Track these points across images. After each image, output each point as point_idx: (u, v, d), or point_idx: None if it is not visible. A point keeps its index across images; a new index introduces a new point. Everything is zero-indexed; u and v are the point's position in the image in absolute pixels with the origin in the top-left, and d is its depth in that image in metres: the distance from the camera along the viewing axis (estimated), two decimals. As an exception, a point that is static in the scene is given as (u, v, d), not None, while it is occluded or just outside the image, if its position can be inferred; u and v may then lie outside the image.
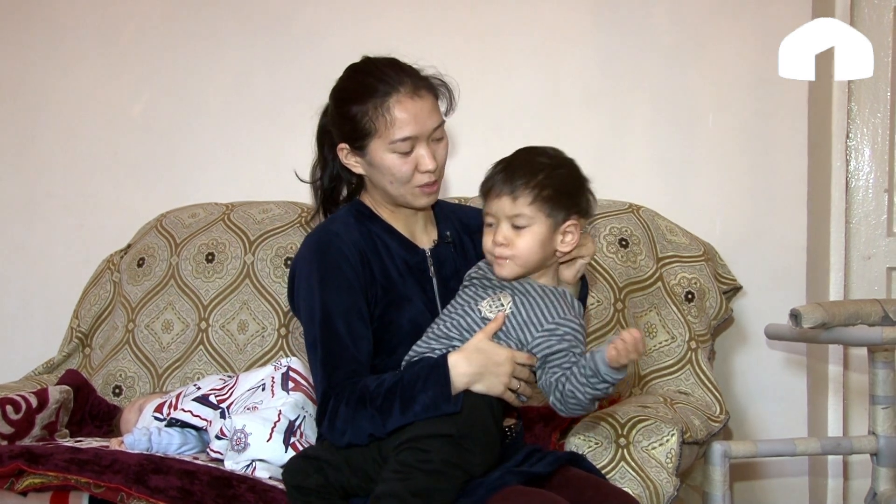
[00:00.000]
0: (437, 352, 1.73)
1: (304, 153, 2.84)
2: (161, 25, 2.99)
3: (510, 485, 1.65)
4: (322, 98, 1.96)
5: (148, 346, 2.56)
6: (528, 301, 1.72)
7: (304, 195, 2.76)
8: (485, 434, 1.69)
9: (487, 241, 1.74)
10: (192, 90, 2.97)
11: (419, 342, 1.78)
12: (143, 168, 2.99)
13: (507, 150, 2.77)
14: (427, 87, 1.86)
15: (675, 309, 2.40)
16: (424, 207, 1.91)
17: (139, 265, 2.65)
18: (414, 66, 1.88)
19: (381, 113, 1.80)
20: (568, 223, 1.72)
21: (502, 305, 1.73)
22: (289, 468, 1.73)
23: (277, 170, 2.92)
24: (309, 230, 2.02)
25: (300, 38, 2.90)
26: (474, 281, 1.80)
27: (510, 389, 1.72)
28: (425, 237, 1.95)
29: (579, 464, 1.81)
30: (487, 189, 1.74)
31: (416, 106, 1.81)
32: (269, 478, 1.89)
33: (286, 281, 2.49)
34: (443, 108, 1.90)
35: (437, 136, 1.86)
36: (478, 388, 1.69)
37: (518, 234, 1.70)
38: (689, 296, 2.43)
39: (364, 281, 1.82)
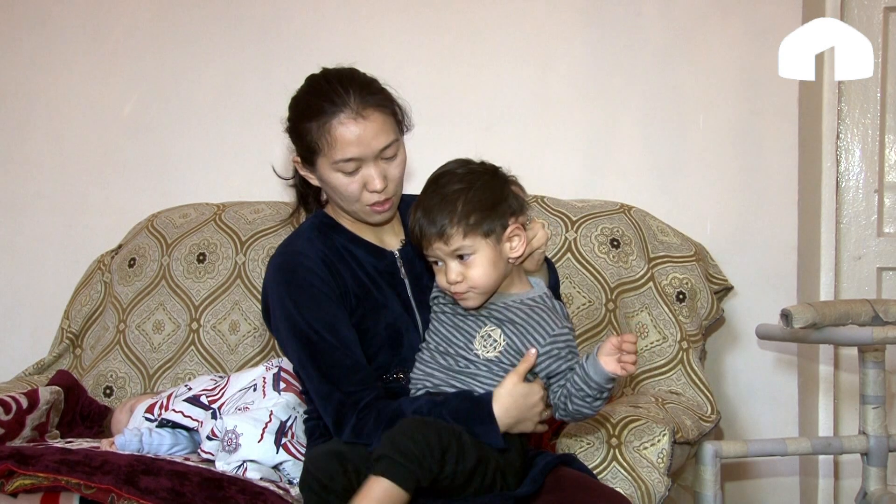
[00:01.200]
0: (439, 385, 1.75)
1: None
2: (151, 26, 2.98)
3: None
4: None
5: (139, 346, 2.55)
6: (517, 328, 1.72)
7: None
8: (519, 456, 1.74)
9: (441, 281, 1.72)
10: (182, 90, 2.97)
11: (416, 370, 1.79)
12: (134, 168, 2.98)
13: (497, 150, 2.76)
14: (376, 105, 1.81)
15: (666, 309, 2.41)
16: (379, 224, 1.90)
17: (130, 266, 2.64)
18: (373, 79, 1.85)
19: (323, 133, 1.78)
20: (508, 231, 1.70)
21: (495, 341, 1.73)
22: (317, 463, 1.66)
23: (268, 170, 2.90)
24: (295, 227, 2.01)
25: (290, 39, 2.90)
26: (446, 308, 1.80)
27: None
28: (393, 238, 1.94)
29: (571, 464, 1.81)
30: (417, 239, 1.71)
31: (359, 127, 1.78)
32: (261, 478, 1.88)
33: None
34: (399, 128, 1.86)
35: (387, 156, 1.82)
36: (514, 431, 1.73)
37: (468, 266, 1.69)
38: (681, 296, 2.43)
39: (338, 291, 1.81)
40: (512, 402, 1.69)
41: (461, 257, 1.69)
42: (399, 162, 1.85)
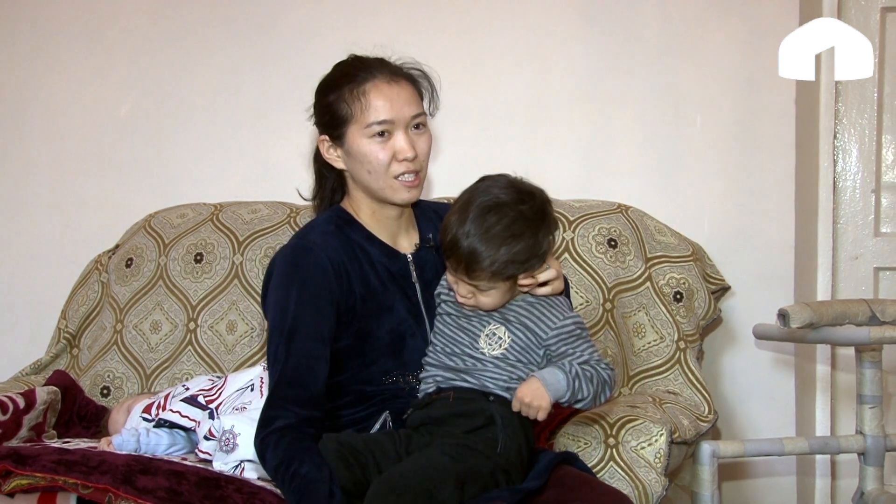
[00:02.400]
0: (450, 380, 1.76)
1: (293, 153, 2.86)
2: (148, 25, 2.98)
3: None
4: (310, 98, 1.94)
5: (136, 346, 2.55)
6: (521, 324, 1.75)
7: (293, 195, 2.76)
8: (519, 456, 1.73)
9: (451, 284, 1.77)
10: (179, 90, 2.96)
11: (425, 371, 1.80)
12: (131, 168, 2.98)
13: (496, 151, 2.80)
14: (406, 77, 1.85)
15: (663, 309, 2.41)
16: (406, 203, 1.87)
17: (127, 265, 2.64)
18: (401, 62, 1.88)
19: (356, 97, 1.79)
20: (522, 279, 1.75)
21: (501, 339, 1.75)
22: (325, 449, 1.69)
23: (266, 170, 2.92)
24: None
25: (288, 38, 2.90)
26: (451, 309, 1.81)
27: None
28: (406, 241, 1.93)
29: (573, 463, 1.81)
30: (447, 257, 1.74)
31: (391, 90, 1.80)
32: (258, 478, 1.88)
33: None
34: (427, 106, 1.88)
35: (416, 125, 1.83)
36: None
37: (481, 292, 1.73)
38: (678, 296, 2.43)
39: (338, 294, 1.79)
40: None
41: (477, 293, 1.73)
42: (427, 137, 1.86)
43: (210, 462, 1.96)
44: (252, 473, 1.90)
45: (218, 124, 2.94)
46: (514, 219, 1.69)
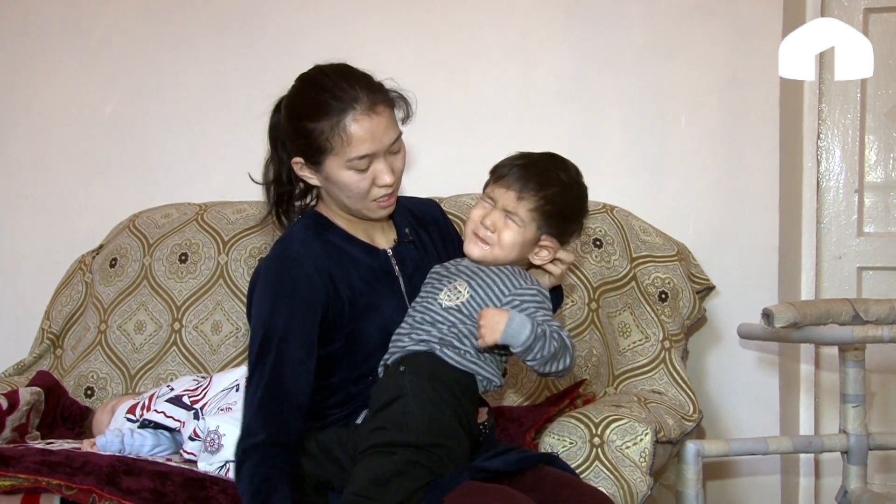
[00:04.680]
0: (407, 348, 1.74)
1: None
2: (133, 25, 2.97)
3: (465, 481, 1.63)
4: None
5: (120, 346, 2.54)
6: (484, 282, 1.76)
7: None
8: (455, 442, 1.68)
9: (476, 215, 1.78)
10: (164, 90, 2.96)
11: (393, 339, 1.79)
12: (116, 168, 2.97)
13: (481, 150, 2.78)
14: (383, 100, 1.81)
15: (648, 308, 2.42)
16: (382, 219, 1.90)
17: (111, 266, 2.63)
18: (367, 72, 1.84)
19: (337, 132, 1.76)
20: (549, 243, 1.78)
21: (459, 293, 1.76)
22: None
23: (250, 169, 2.90)
24: (280, 231, 1.98)
25: (273, 38, 2.89)
26: (433, 275, 1.84)
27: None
28: (383, 238, 1.92)
29: (554, 464, 1.81)
30: (500, 176, 1.78)
31: (372, 123, 1.77)
32: (243, 479, 1.87)
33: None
34: (399, 116, 1.86)
35: (394, 150, 1.82)
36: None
37: (506, 226, 1.75)
38: (663, 295, 2.44)
39: (326, 301, 1.78)
40: None
41: (508, 217, 1.75)
42: (403, 155, 1.86)
43: (195, 463, 1.96)
44: (237, 474, 1.90)
45: (203, 124, 2.93)
46: (575, 183, 1.82)
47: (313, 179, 1.86)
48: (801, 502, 2.60)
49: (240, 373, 2.14)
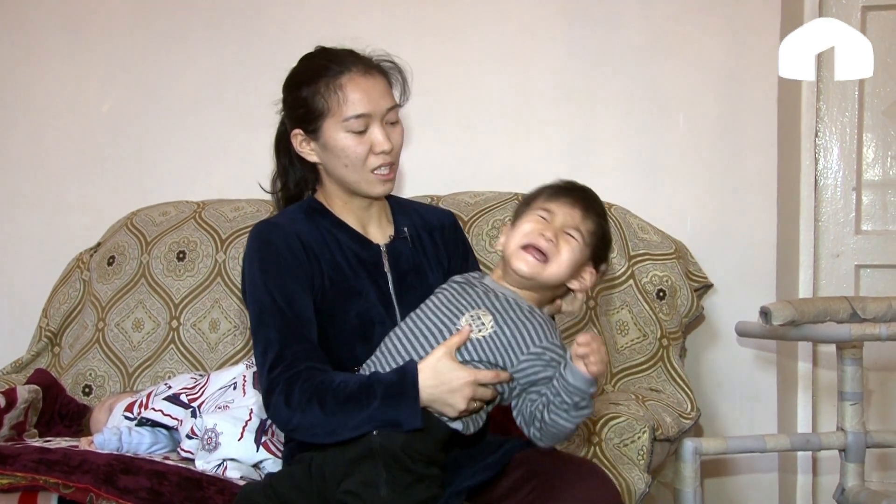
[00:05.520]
0: (409, 352, 1.66)
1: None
2: (129, 23, 2.97)
3: None
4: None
5: (118, 345, 2.54)
6: (513, 322, 1.64)
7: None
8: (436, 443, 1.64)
9: (532, 228, 1.66)
10: (161, 88, 2.95)
11: (393, 336, 1.71)
12: (113, 166, 2.97)
13: (478, 149, 2.80)
14: (379, 70, 1.84)
15: (646, 307, 2.42)
16: (380, 196, 1.87)
17: (109, 264, 2.63)
18: (371, 54, 1.87)
19: (333, 90, 1.78)
20: (590, 268, 1.69)
21: (483, 325, 1.64)
22: (243, 494, 1.66)
23: (248, 168, 2.90)
24: None
25: (270, 36, 2.89)
26: (454, 284, 1.73)
27: (467, 411, 1.61)
28: (379, 232, 1.91)
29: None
30: (562, 193, 1.70)
31: (368, 83, 1.79)
32: (241, 477, 1.88)
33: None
34: (396, 94, 1.87)
35: (391, 119, 1.83)
36: (433, 409, 1.61)
37: (567, 243, 1.65)
38: (661, 293, 2.44)
39: (308, 271, 1.78)
40: (433, 376, 1.59)
41: (569, 239, 1.66)
42: (401, 129, 1.86)
43: (192, 461, 1.96)
44: (235, 473, 1.90)
45: (200, 122, 2.93)
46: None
47: (312, 155, 1.85)
48: (798, 500, 2.60)
49: (237, 371, 2.14)
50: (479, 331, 1.63)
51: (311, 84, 1.81)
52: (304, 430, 1.64)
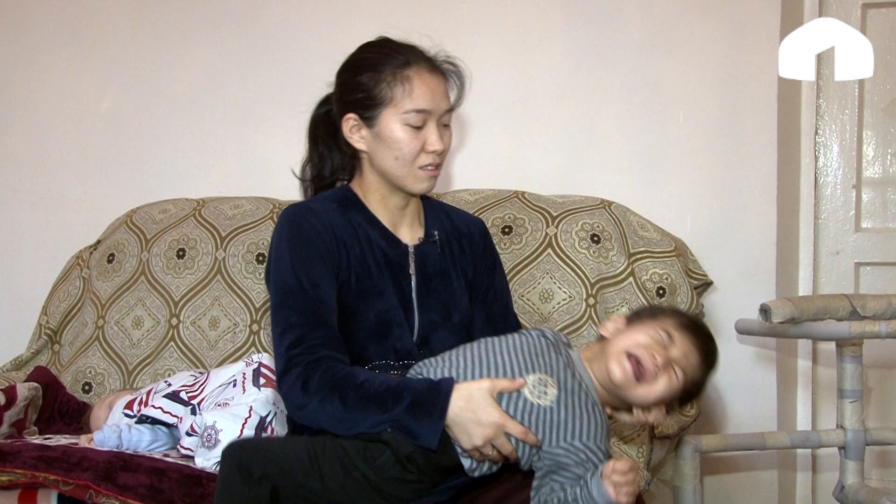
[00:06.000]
0: (460, 372, 1.63)
1: (275, 149, 2.85)
2: (129, 20, 2.96)
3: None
4: (293, 93, 1.94)
5: (118, 342, 2.54)
6: (575, 406, 1.60)
7: (276, 191, 2.75)
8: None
9: (646, 340, 1.62)
10: (160, 85, 2.95)
11: (459, 353, 1.68)
12: (112, 164, 2.97)
13: (480, 146, 2.80)
14: (441, 70, 1.84)
15: (646, 304, 2.41)
16: (422, 193, 1.86)
17: (109, 261, 2.63)
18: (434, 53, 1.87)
19: (399, 81, 1.77)
20: (664, 405, 1.66)
21: (545, 393, 1.60)
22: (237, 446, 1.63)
23: (248, 165, 2.91)
24: None
25: (270, 33, 2.89)
26: (543, 339, 1.69)
27: (479, 451, 1.58)
28: (409, 233, 1.90)
29: None
30: (695, 331, 1.66)
31: (433, 80, 1.80)
32: (240, 474, 1.87)
33: (258, 276, 2.49)
34: (453, 101, 1.87)
35: (445, 121, 1.83)
36: (449, 431, 1.59)
37: (668, 376, 1.61)
38: (661, 291, 2.44)
39: (336, 262, 1.78)
40: (465, 400, 1.57)
41: (672, 376, 1.61)
42: (450, 134, 1.86)
43: (192, 458, 1.96)
44: (234, 469, 1.90)
45: (200, 119, 2.93)
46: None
47: (361, 143, 1.84)
48: (798, 497, 2.60)
49: (237, 368, 2.14)
50: (538, 397, 1.60)
51: (375, 71, 1.79)
52: (317, 418, 1.63)
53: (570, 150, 2.75)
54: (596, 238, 2.45)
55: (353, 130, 1.84)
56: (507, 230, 2.43)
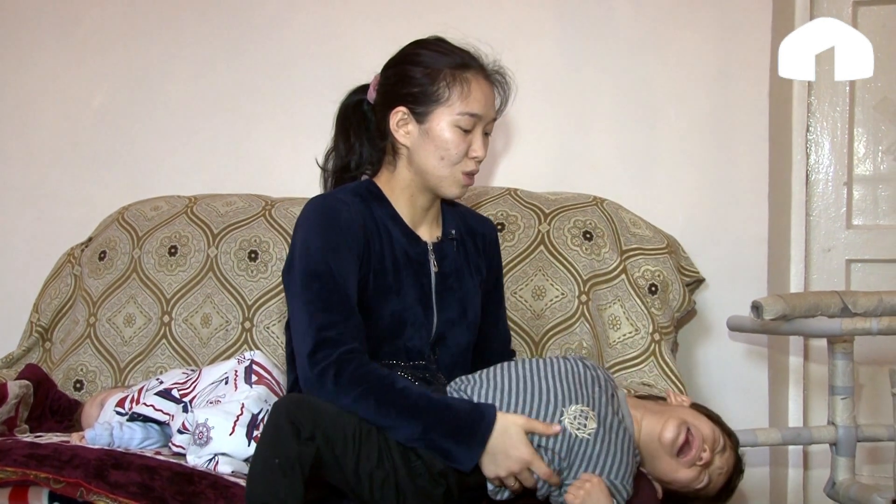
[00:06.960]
0: (504, 392, 1.66)
1: (267, 146, 2.85)
2: (121, 16, 2.96)
3: None
4: (284, 89, 1.93)
5: (109, 340, 2.54)
6: (609, 444, 1.62)
7: (268, 188, 2.75)
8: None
9: (709, 438, 1.71)
10: (152, 81, 2.94)
11: (505, 370, 1.70)
12: (104, 160, 2.96)
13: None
14: (493, 79, 1.85)
15: (638, 301, 2.42)
16: (454, 197, 1.86)
17: (100, 258, 2.62)
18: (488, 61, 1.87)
19: (459, 81, 1.77)
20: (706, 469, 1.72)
21: (584, 426, 1.62)
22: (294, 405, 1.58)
23: (240, 162, 2.90)
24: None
25: (261, 29, 2.88)
26: (594, 372, 1.71)
27: (501, 480, 1.61)
28: (428, 232, 1.90)
29: None
30: (738, 455, 1.78)
31: (487, 87, 1.81)
32: (232, 472, 1.87)
33: (250, 273, 2.48)
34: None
35: (487, 130, 1.84)
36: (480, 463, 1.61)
37: (706, 472, 1.71)
38: (653, 288, 2.44)
39: (361, 256, 1.75)
40: (501, 434, 1.59)
41: (706, 473, 1.71)
42: (488, 143, 1.86)
43: (184, 456, 1.95)
44: (226, 467, 1.89)
45: (192, 116, 2.92)
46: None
47: (406, 137, 1.82)
48: (789, 494, 2.61)
49: (229, 366, 2.13)
50: (578, 429, 1.62)
51: (433, 68, 1.78)
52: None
53: (562, 148, 2.75)
54: (588, 235, 2.45)
55: (400, 124, 1.82)
56: (499, 227, 2.43)
